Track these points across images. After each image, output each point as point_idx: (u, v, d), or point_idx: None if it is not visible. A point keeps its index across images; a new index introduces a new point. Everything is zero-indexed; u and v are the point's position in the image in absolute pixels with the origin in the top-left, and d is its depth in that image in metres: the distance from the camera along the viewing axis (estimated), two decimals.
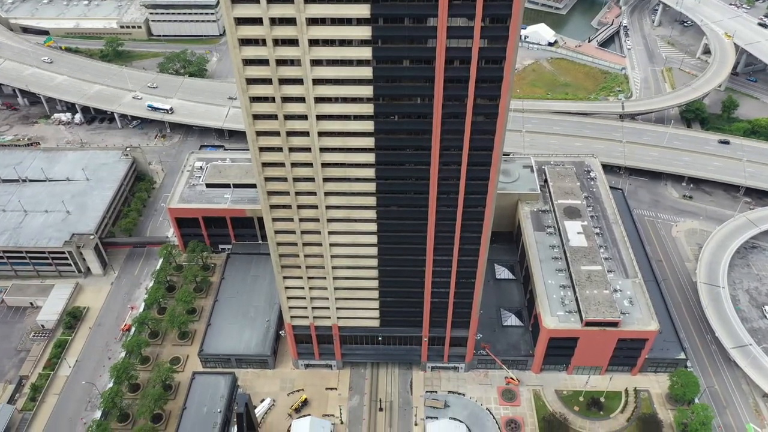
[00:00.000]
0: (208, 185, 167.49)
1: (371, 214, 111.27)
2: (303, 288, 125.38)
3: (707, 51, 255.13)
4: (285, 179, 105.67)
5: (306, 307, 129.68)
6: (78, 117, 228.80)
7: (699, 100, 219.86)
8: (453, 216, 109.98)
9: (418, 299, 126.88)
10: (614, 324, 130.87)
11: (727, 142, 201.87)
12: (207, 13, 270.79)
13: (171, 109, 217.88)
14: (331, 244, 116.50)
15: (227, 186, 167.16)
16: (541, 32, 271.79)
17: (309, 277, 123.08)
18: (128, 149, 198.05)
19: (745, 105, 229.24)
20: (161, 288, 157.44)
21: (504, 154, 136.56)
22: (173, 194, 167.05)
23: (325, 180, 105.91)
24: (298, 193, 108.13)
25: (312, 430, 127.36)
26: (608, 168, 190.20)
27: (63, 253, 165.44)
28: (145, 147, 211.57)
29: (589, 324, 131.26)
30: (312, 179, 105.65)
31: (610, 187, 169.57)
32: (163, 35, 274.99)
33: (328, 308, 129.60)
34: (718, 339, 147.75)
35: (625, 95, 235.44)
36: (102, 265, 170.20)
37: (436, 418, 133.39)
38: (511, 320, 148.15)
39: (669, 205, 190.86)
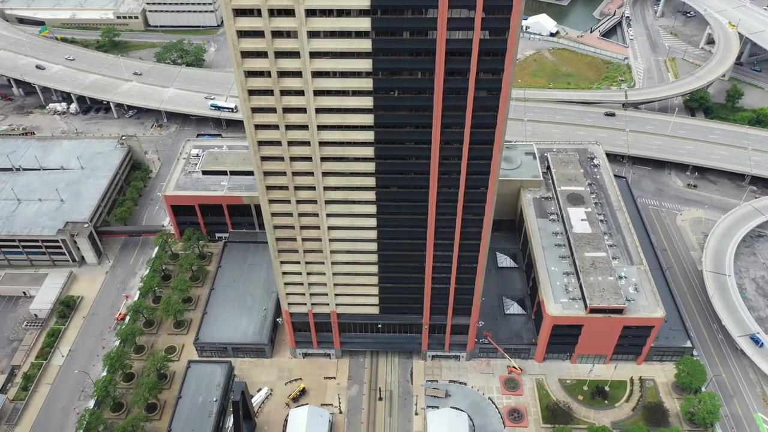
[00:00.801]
0: (205, 172, 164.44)
1: (370, 195, 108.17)
2: (300, 274, 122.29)
3: (711, 41, 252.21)
4: (282, 159, 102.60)
5: (304, 294, 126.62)
6: (73, 107, 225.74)
7: (703, 89, 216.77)
8: (455, 197, 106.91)
9: (419, 285, 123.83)
10: (619, 311, 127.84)
11: (612, 114, 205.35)
12: (205, 3, 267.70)
13: (236, 107, 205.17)
14: (330, 228, 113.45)
15: (224, 173, 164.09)
16: (542, 23, 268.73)
17: (307, 262, 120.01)
18: (124, 138, 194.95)
19: (750, 95, 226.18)
20: (156, 276, 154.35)
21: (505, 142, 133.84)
22: (169, 181, 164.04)
23: (323, 159, 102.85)
24: (295, 174, 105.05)
25: (310, 419, 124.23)
26: (611, 157, 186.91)
27: (56, 241, 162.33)
28: (142, 136, 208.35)
29: (593, 311, 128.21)
30: (309, 159, 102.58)
31: (614, 176, 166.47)
32: (161, 26, 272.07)
33: (327, 295, 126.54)
34: (725, 327, 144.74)
35: (628, 85, 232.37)
36: (96, 254, 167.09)
37: (437, 407, 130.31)
38: (514, 308, 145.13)
39: (673, 194, 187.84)
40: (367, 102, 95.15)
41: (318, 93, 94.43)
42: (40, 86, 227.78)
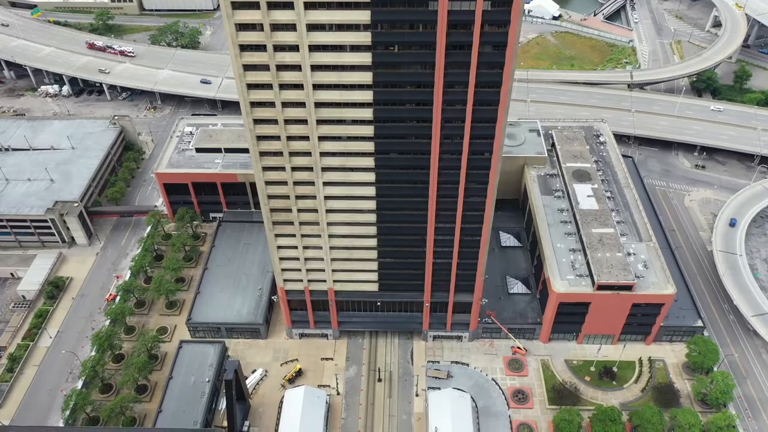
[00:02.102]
0: (198, 150, 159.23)
1: (369, 162, 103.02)
2: (296, 248, 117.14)
3: (717, 24, 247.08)
4: (275, 121, 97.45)
5: (300, 269, 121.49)
6: (66, 89, 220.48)
7: (710, 69, 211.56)
8: (458, 163, 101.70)
9: (420, 260, 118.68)
10: (628, 287, 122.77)
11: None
12: None
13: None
14: (326, 197, 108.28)
15: (218, 151, 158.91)
16: (544, 5, 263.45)
17: (303, 235, 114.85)
18: (116, 118, 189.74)
19: (758, 76, 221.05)
20: (148, 255, 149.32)
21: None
22: (161, 159, 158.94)
23: (319, 122, 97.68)
24: (289, 138, 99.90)
25: (306, 400, 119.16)
26: (617, 138, 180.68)
27: (45, 221, 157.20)
28: (135, 118, 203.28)
29: (601, 287, 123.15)
30: (305, 121, 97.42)
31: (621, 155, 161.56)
32: (156, 9, 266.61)
33: (324, 270, 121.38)
34: (737, 308, 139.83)
35: (633, 67, 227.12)
36: (87, 234, 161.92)
37: (439, 388, 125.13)
38: (518, 287, 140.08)
39: (681, 175, 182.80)
40: (366, 58, 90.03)
41: (313, 48, 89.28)
42: (31, 68, 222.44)
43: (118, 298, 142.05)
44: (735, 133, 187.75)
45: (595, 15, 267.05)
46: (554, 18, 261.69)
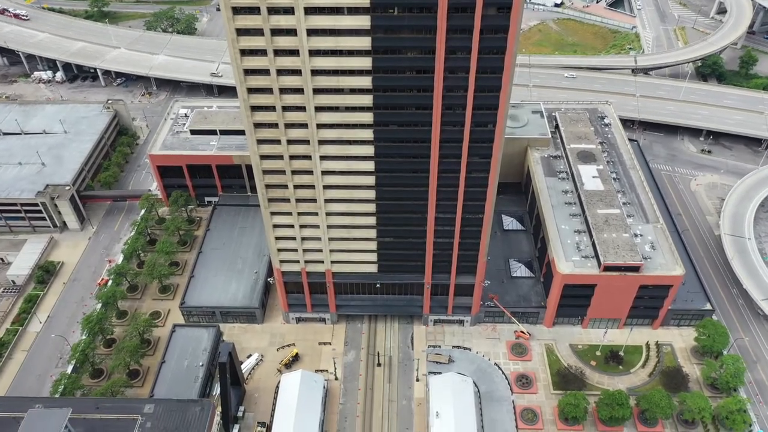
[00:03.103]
0: (193, 132, 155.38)
1: (367, 134, 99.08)
2: (293, 226, 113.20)
3: (722, 11, 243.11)
4: (270, 90, 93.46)
5: (296, 249, 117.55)
6: (59, 75, 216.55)
7: (716, 54, 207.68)
8: (460, 135, 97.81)
9: (420, 240, 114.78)
10: (635, 268, 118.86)
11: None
12: None
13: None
14: (324, 173, 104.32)
15: (213, 133, 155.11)
16: None
17: (299, 213, 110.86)
18: (110, 102, 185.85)
19: (763, 63, 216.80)
20: (141, 239, 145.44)
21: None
22: (155, 141, 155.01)
23: (316, 92, 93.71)
24: (285, 109, 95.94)
25: (303, 385, 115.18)
26: (621, 123, 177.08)
27: (36, 205, 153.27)
28: (130, 104, 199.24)
29: (607, 269, 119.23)
30: (301, 90, 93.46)
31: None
32: None
33: (321, 251, 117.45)
34: (746, 292, 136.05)
35: (637, 53, 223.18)
36: (79, 219, 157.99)
37: (440, 373, 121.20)
38: (521, 271, 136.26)
39: (686, 160, 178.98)
40: (364, 21, 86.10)
41: (309, 11, 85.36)
42: (24, 54, 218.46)
43: (110, 282, 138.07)
44: (742, 118, 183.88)
45: (597, 2, 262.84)
46: (556, 5, 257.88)
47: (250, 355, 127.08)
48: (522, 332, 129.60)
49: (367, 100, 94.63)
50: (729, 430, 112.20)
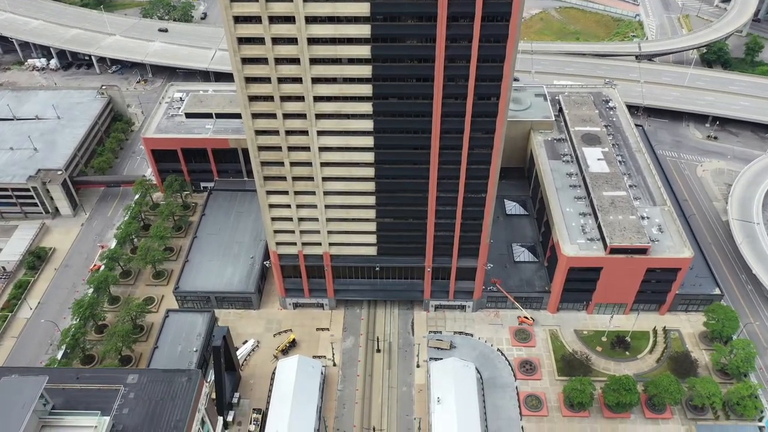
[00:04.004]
0: (188, 115, 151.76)
1: (366, 107, 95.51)
2: (289, 206, 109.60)
3: None
4: (265, 60, 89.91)
5: (293, 231, 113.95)
6: (54, 62, 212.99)
7: (721, 40, 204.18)
8: (462, 108, 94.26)
9: (421, 220, 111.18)
10: (643, 251, 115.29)
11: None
12: None
13: None
14: (321, 149, 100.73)
15: (209, 116, 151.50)
16: None
17: (296, 192, 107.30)
18: (104, 88, 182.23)
19: None
20: (135, 223, 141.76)
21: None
22: (149, 124, 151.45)
23: (312, 62, 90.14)
24: (281, 80, 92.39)
25: (300, 370, 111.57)
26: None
27: (28, 190, 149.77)
28: (125, 92, 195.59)
29: (614, 251, 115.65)
30: (297, 60, 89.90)
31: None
32: None
33: (318, 232, 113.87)
34: (756, 277, 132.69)
35: (641, 40, 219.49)
36: (72, 205, 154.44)
37: (441, 359, 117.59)
38: (524, 255, 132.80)
39: (692, 146, 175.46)
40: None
41: None
42: (18, 41, 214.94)
43: (102, 267, 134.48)
44: (748, 104, 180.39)
45: None
46: None
47: (246, 341, 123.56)
48: (525, 318, 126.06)
49: (366, 71, 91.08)
50: (740, 416, 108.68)
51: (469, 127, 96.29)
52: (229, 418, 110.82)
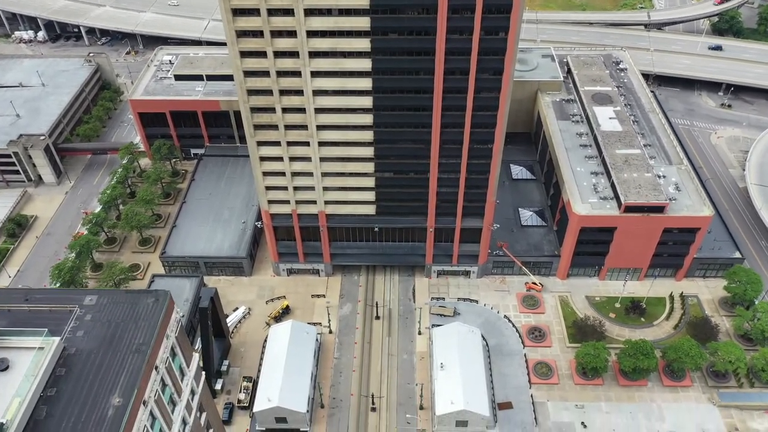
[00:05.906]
0: (178, 77, 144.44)
1: (365, 44, 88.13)
2: (282, 159, 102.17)
3: None
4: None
5: (286, 187, 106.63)
6: (41, 34, 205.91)
7: (733, 8, 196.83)
8: (468, 46, 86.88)
9: (423, 175, 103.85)
10: (660, 209, 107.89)
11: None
12: None
13: None
14: (315, 92, 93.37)
15: (199, 78, 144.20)
16: None
17: (289, 143, 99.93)
18: (92, 55, 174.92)
19: None
20: (120, 187, 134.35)
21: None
22: (136, 87, 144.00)
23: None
24: (270, 12, 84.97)
25: (293, 336, 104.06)
26: None
27: (9, 156, 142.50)
28: (115, 63, 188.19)
29: (629, 209, 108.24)
30: None
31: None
32: None
33: (313, 188, 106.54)
34: None
35: (650, 10, 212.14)
36: (55, 172, 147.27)
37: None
38: (532, 219, 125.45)
39: (705, 114, 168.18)
40: None
41: None
42: (5, 13, 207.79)
43: (86, 232, 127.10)
44: (763, 71, 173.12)
45: None
46: None
47: (237, 308, 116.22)
48: (534, 284, 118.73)
49: (364, 1, 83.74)
50: (765, 384, 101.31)
51: (475, 66, 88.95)
52: (218, 387, 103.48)
